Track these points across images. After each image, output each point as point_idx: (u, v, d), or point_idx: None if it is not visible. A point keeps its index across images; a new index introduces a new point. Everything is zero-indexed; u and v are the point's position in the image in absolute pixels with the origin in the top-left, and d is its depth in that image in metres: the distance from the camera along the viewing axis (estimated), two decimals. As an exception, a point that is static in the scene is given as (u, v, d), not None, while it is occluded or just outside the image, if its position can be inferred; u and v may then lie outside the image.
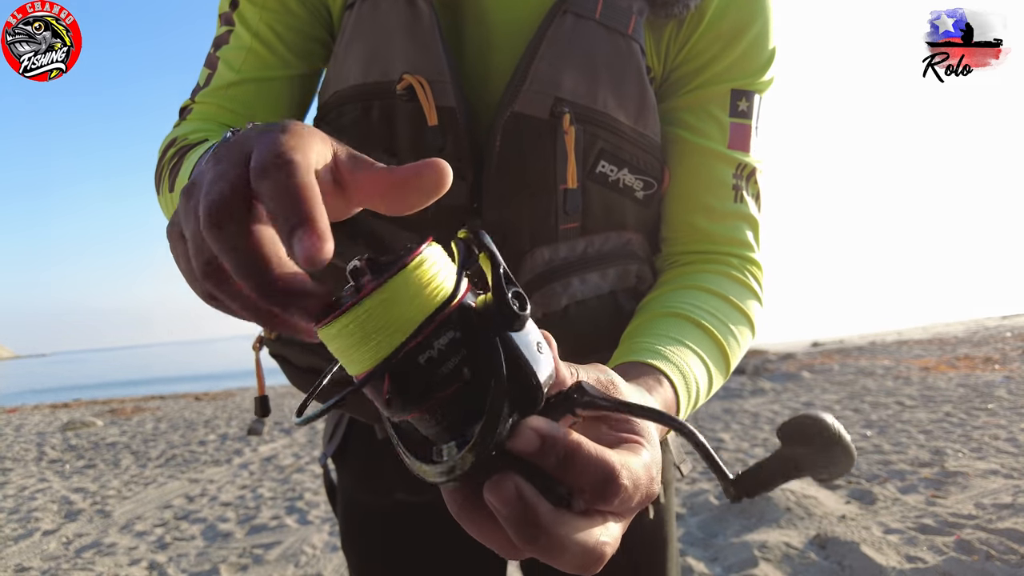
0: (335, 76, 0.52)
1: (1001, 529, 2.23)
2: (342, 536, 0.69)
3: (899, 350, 8.96)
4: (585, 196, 0.51)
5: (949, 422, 4.07)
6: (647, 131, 0.53)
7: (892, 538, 2.27)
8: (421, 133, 0.47)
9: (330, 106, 0.52)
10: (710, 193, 0.56)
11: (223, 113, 0.53)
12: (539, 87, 0.48)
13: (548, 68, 0.48)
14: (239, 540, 3.01)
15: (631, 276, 0.54)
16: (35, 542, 3.14)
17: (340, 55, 0.51)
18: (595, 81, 0.49)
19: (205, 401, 10.33)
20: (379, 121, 0.49)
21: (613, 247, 0.53)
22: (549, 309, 0.50)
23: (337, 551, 2.76)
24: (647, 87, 0.52)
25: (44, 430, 7.37)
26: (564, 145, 0.48)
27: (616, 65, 0.50)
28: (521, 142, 0.48)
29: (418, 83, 0.46)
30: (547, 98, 0.48)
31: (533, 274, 0.50)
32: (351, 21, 0.51)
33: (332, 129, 0.51)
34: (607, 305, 0.52)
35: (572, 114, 0.48)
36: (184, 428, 7.01)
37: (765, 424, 4.49)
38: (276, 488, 3.94)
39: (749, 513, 2.61)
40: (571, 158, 0.48)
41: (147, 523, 3.36)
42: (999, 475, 2.89)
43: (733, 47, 0.54)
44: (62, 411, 9.74)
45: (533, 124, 0.48)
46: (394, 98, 0.48)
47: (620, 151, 0.51)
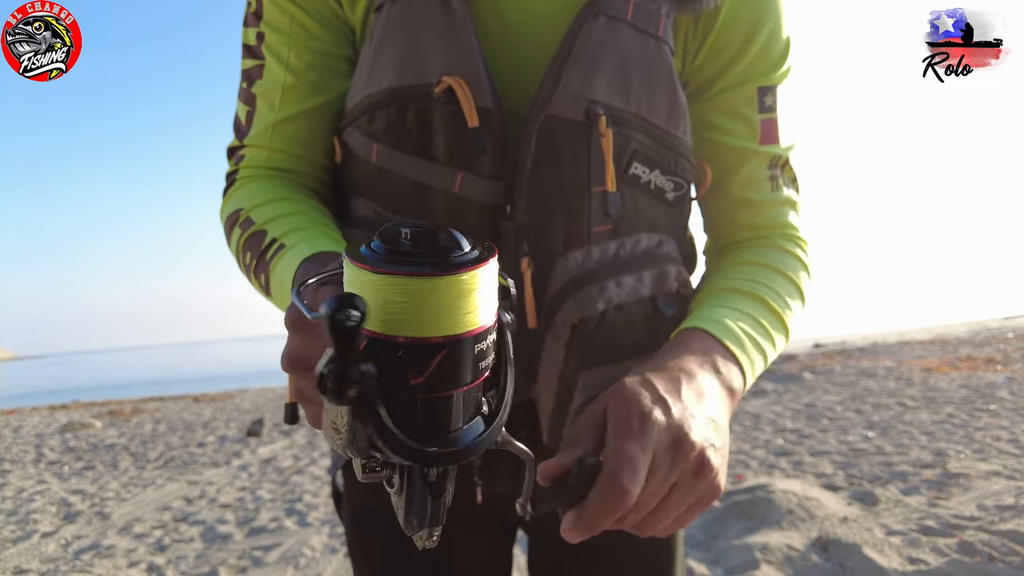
0: (365, 79, 0.51)
1: (1003, 531, 2.22)
2: (348, 543, 0.68)
3: (901, 351, 8.95)
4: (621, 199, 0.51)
5: (951, 423, 4.06)
6: (678, 132, 0.53)
7: (894, 540, 2.26)
8: (459, 135, 0.47)
9: (360, 110, 0.51)
10: (749, 189, 0.57)
11: (273, 156, 0.55)
12: (573, 90, 0.48)
13: (582, 71, 0.48)
14: (238, 542, 3.00)
15: (670, 280, 0.54)
16: (34, 544, 3.13)
17: (369, 58, 0.51)
18: (628, 83, 0.49)
19: (204, 403, 10.33)
20: (415, 124, 0.48)
21: (645, 249, 0.53)
22: (586, 314, 0.49)
23: (336, 553, 2.75)
24: (678, 88, 0.52)
25: (43, 432, 7.37)
26: (599, 147, 0.49)
27: (648, 67, 0.50)
28: (556, 145, 0.48)
29: (458, 85, 0.46)
30: (582, 100, 0.48)
31: (567, 277, 0.50)
32: (381, 24, 0.50)
33: (363, 134, 0.51)
34: (647, 310, 0.52)
35: (607, 116, 0.48)
36: (183, 430, 7.00)
37: (767, 426, 4.49)
38: (275, 490, 3.93)
39: (750, 515, 2.61)
40: (609, 161, 0.48)
41: (146, 525, 3.35)
42: (1001, 476, 2.88)
43: (752, 43, 0.54)
44: (61, 412, 9.73)
45: (568, 127, 0.48)
46: (431, 101, 0.47)
47: (652, 152, 0.51)
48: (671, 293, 0.54)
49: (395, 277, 0.23)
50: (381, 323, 0.23)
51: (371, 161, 0.51)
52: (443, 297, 0.23)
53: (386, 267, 0.23)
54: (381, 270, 0.23)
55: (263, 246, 0.48)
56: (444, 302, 0.23)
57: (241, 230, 0.51)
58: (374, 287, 0.23)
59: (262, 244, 0.48)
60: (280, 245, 0.46)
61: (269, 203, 0.51)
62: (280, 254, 0.46)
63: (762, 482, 2.92)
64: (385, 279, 0.23)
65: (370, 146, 0.51)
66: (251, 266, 0.50)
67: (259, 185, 0.54)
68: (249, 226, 0.50)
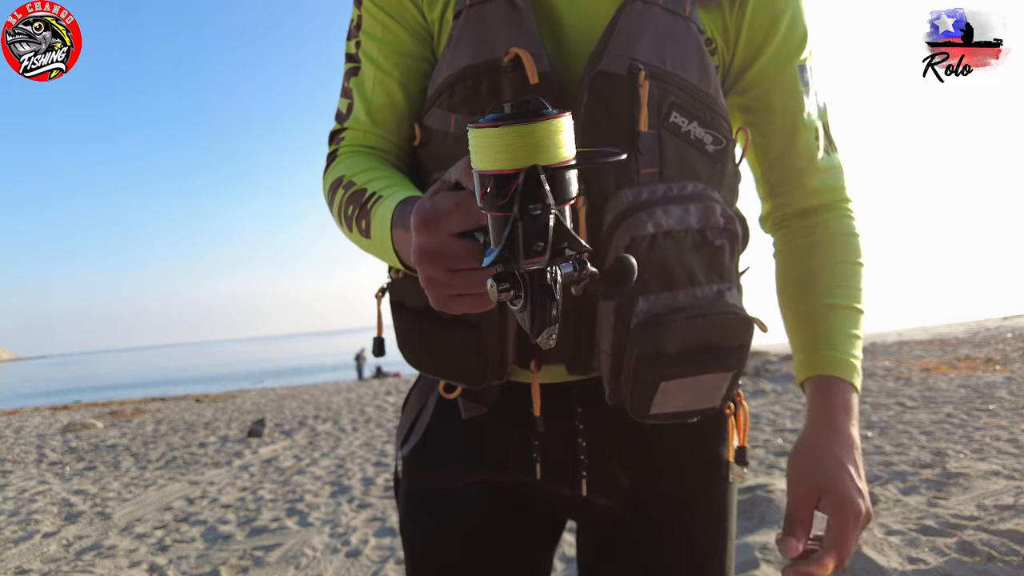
0: (447, 66, 0.63)
1: (1003, 530, 2.22)
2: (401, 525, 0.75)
3: (900, 351, 8.95)
4: (661, 145, 0.60)
5: (950, 423, 4.07)
6: (710, 90, 0.62)
7: (893, 539, 2.26)
8: (523, 94, 0.57)
9: (442, 88, 0.62)
10: (802, 158, 0.68)
11: (367, 136, 0.68)
12: (618, 51, 0.59)
13: (625, 39, 0.59)
14: (239, 542, 3.00)
15: (716, 215, 0.60)
16: (35, 544, 3.14)
17: (451, 50, 0.63)
18: (663, 48, 0.60)
19: (205, 403, 10.33)
20: (487, 92, 0.60)
21: (692, 192, 0.61)
22: (637, 233, 0.57)
23: (337, 553, 2.75)
24: (706, 55, 0.62)
25: (44, 432, 7.37)
26: (640, 96, 0.58)
27: (679, 37, 0.61)
28: (605, 95, 0.59)
29: (522, 53, 0.57)
30: (625, 59, 0.58)
31: (619, 209, 0.58)
32: (460, 24, 0.62)
33: (444, 108, 0.63)
34: (695, 240, 0.59)
35: (646, 71, 0.58)
36: (184, 430, 7.01)
37: (766, 425, 4.49)
38: (276, 490, 3.94)
39: (750, 514, 2.61)
40: (644, 105, 0.58)
41: (147, 525, 3.36)
42: (1001, 476, 2.88)
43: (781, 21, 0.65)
44: (62, 413, 9.73)
45: (614, 79, 0.58)
46: (500, 72, 0.59)
47: (689, 106, 0.61)
48: (718, 227, 0.60)
49: (512, 126, 0.34)
50: (507, 161, 0.34)
51: (449, 132, 0.62)
52: (542, 134, 0.34)
53: (503, 122, 0.34)
54: (500, 124, 0.34)
55: (364, 199, 0.59)
56: (543, 138, 0.34)
57: (344, 190, 0.62)
58: (499, 136, 0.34)
59: (363, 198, 0.59)
60: (379, 196, 0.58)
61: (366, 170, 0.63)
62: (379, 203, 0.57)
63: (762, 482, 2.93)
64: (505, 128, 0.34)
65: (448, 118, 0.62)
66: (353, 216, 0.60)
67: (356, 159, 0.67)
68: (351, 187, 0.62)
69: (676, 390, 0.60)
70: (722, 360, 0.60)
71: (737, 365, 0.62)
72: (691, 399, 0.61)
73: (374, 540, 2.87)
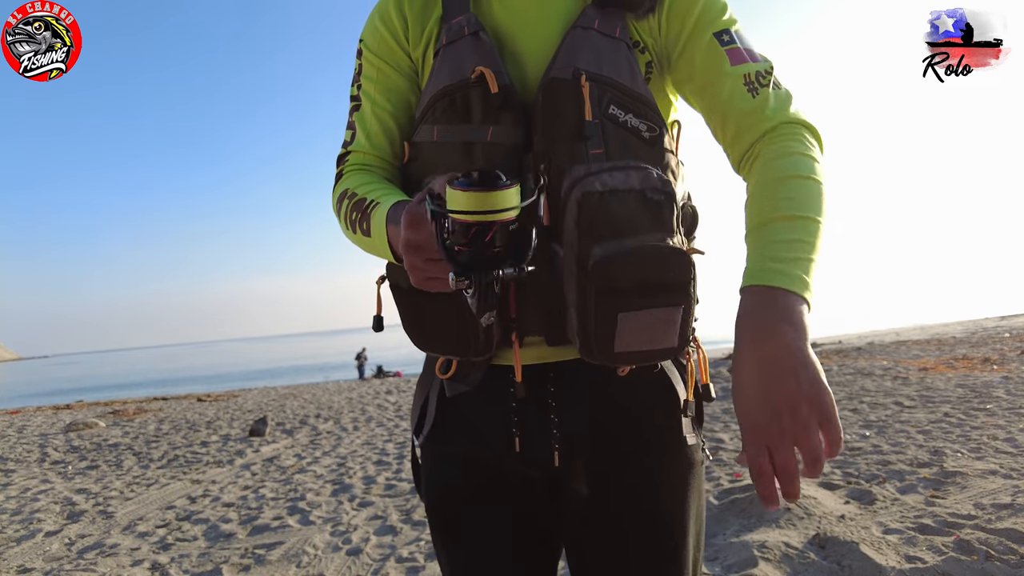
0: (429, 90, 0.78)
1: (1000, 529, 2.23)
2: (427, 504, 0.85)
3: (897, 351, 8.96)
4: (604, 131, 0.73)
5: (948, 422, 4.07)
6: (641, 91, 0.75)
7: (891, 538, 2.27)
8: (488, 101, 0.73)
9: (426, 108, 0.77)
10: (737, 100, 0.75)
11: (368, 157, 0.84)
12: (564, 63, 0.74)
13: (569, 53, 0.74)
14: (241, 540, 3.01)
15: (653, 178, 0.70)
16: (38, 543, 3.15)
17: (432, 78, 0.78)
18: (600, 60, 0.74)
19: (207, 402, 10.34)
20: (460, 103, 0.75)
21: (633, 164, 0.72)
22: (588, 190, 0.69)
23: (338, 551, 2.76)
24: (636, 65, 0.77)
25: (47, 431, 7.39)
26: (583, 94, 0.72)
27: (611, 52, 0.75)
28: (555, 94, 0.73)
29: (485, 70, 0.73)
30: (569, 68, 0.73)
31: (575, 178, 0.71)
32: (439, 59, 0.78)
33: (429, 123, 0.77)
34: (637, 197, 0.70)
35: (586, 75, 0.73)
36: (186, 429, 7.02)
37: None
38: (278, 489, 3.95)
39: (748, 513, 2.61)
40: (587, 100, 0.72)
41: (149, 524, 3.37)
42: (998, 475, 2.89)
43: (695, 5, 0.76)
44: (65, 412, 9.75)
45: (562, 82, 0.73)
46: (469, 87, 0.74)
47: (624, 102, 0.74)
48: (656, 187, 0.70)
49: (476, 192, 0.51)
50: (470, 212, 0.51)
51: (433, 140, 0.77)
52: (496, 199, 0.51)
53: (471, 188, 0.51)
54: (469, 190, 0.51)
55: (364, 205, 0.75)
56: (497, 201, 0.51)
57: (349, 200, 0.78)
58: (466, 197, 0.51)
59: (364, 205, 0.75)
60: (376, 202, 0.74)
61: (366, 184, 0.79)
62: (377, 207, 0.73)
63: (762, 480, 2.93)
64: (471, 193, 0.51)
65: (432, 130, 0.77)
66: (356, 220, 0.76)
67: (358, 176, 0.83)
68: (354, 197, 0.78)
69: (633, 325, 0.67)
70: (669, 295, 0.68)
71: (684, 300, 0.68)
72: (650, 336, 0.68)
73: (375, 538, 2.88)
